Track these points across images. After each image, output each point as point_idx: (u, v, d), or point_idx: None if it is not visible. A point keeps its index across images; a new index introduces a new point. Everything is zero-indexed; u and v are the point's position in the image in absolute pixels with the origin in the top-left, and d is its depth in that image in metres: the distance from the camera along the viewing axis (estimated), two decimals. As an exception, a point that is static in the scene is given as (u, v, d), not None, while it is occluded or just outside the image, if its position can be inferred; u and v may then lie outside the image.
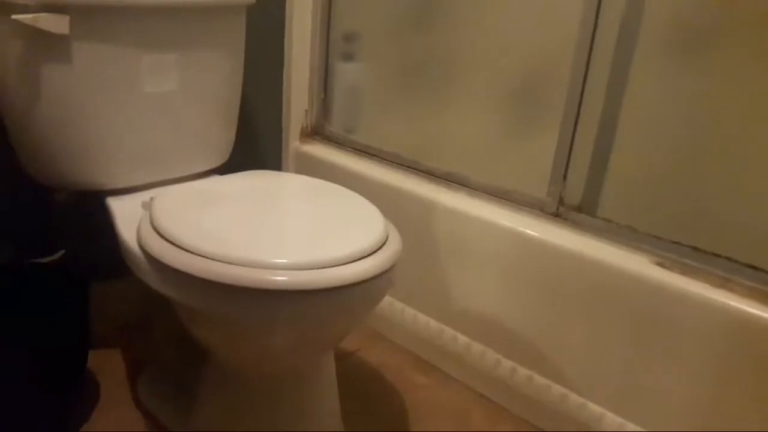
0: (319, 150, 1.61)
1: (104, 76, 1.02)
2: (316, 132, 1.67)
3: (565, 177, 1.17)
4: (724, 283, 1.00)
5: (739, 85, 0.98)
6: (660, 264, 1.06)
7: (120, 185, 1.11)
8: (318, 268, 0.81)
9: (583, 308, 1.14)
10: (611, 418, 1.13)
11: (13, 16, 0.91)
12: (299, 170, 1.64)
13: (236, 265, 0.80)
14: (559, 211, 1.19)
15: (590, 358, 1.14)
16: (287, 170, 1.67)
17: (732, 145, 1.01)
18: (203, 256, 0.82)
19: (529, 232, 1.19)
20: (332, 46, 1.60)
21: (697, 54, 1.02)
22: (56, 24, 0.94)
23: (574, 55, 1.11)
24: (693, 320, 1.01)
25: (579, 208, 1.18)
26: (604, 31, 1.09)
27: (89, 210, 1.15)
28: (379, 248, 0.88)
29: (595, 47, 1.10)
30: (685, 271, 1.04)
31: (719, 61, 0.99)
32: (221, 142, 1.24)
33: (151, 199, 1.01)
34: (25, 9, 0.92)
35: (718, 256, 1.03)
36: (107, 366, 1.23)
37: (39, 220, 1.10)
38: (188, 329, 0.97)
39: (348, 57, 1.58)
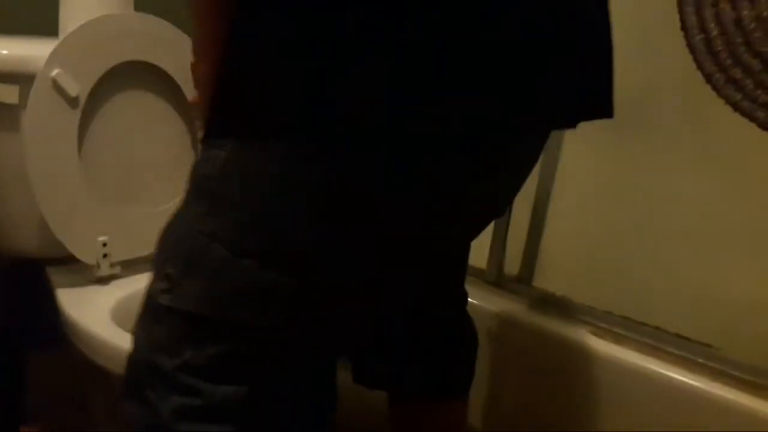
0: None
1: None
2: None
3: (504, 247, 1.22)
4: (653, 352, 1.05)
5: (667, 164, 1.06)
6: (594, 333, 1.11)
7: (61, 254, 1.09)
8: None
9: (522, 374, 1.17)
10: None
11: (-38, 87, 0.91)
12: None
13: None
14: (499, 280, 1.23)
15: (530, 425, 1.17)
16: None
17: (659, 220, 1.08)
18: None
19: (470, 299, 1.22)
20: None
21: (628, 134, 1.09)
22: (5, 94, 0.94)
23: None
24: (626, 388, 1.05)
25: (518, 279, 1.23)
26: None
27: (26, 278, 1.12)
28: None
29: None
30: (618, 340, 1.09)
31: (649, 142, 1.07)
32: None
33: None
34: (-26, 79, 0.92)
35: (647, 325, 1.08)
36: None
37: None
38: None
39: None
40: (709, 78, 0.90)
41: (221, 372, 0.57)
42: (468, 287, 1.23)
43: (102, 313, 0.95)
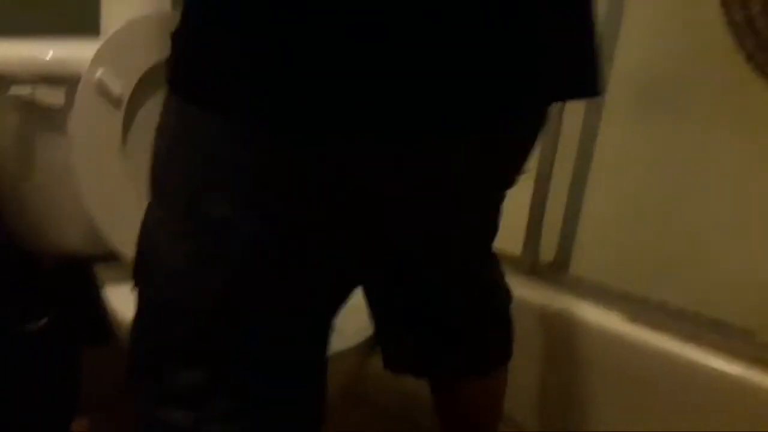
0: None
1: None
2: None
3: (539, 234, 1.22)
4: (692, 338, 1.05)
5: (705, 146, 1.04)
6: (631, 320, 1.11)
7: (108, 252, 1.12)
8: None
9: (558, 363, 1.18)
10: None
11: (11, 90, 0.94)
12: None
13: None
14: (534, 268, 1.24)
15: (568, 416, 1.18)
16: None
17: (697, 202, 1.07)
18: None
19: (505, 287, 1.23)
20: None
21: (665, 116, 1.08)
22: (52, 96, 0.97)
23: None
24: (664, 375, 1.06)
25: (553, 266, 1.23)
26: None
27: (78, 275, 1.15)
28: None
29: (566, 108, 1.16)
30: (655, 326, 1.09)
31: (686, 124, 1.06)
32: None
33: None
34: (21, 82, 0.95)
35: (686, 311, 1.08)
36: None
37: (25, 286, 1.10)
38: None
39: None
40: (750, 57, 0.89)
41: (181, 356, 0.59)
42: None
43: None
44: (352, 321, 0.99)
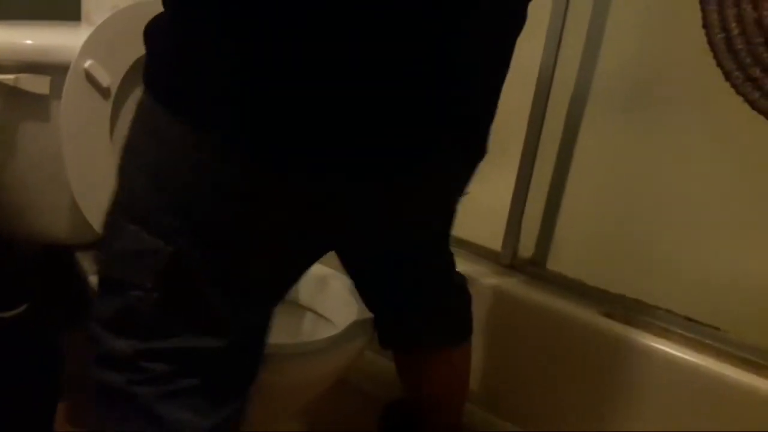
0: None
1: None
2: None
3: (519, 230, 1.25)
4: (663, 333, 1.10)
5: (683, 152, 1.08)
6: (607, 315, 1.15)
7: (91, 240, 1.11)
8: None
9: (536, 356, 1.21)
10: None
11: (-5, 78, 0.92)
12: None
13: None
14: (513, 263, 1.27)
15: (544, 403, 1.22)
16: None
17: (672, 205, 1.11)
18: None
19: (485, 281, 1.26)
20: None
21: (645, 121, 1.11)
22: (37, 84, 0.95)
23: (531, 112, 1.20)
24: (637, 368, 1.10)
25: (532, 261, 1.26)
26: (558, 90, 1.18)
27: (57, 260, 1.14)
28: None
29: (549, 106, 1.19)
30: (629, 322, 1.13)
31: (665, 129, 1.09)
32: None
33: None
34: (5, 69, 0.93)
35: (658, 308, 1.13)
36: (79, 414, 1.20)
37: (2, 272, 1.08)
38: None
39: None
40: (728, 76, 0.93)
41: (114, 327, 0.64)
42: (483, 269, 1.27)
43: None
44: (346, 314, 1.02)
